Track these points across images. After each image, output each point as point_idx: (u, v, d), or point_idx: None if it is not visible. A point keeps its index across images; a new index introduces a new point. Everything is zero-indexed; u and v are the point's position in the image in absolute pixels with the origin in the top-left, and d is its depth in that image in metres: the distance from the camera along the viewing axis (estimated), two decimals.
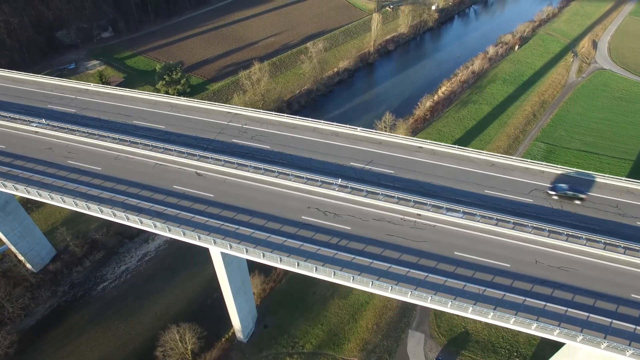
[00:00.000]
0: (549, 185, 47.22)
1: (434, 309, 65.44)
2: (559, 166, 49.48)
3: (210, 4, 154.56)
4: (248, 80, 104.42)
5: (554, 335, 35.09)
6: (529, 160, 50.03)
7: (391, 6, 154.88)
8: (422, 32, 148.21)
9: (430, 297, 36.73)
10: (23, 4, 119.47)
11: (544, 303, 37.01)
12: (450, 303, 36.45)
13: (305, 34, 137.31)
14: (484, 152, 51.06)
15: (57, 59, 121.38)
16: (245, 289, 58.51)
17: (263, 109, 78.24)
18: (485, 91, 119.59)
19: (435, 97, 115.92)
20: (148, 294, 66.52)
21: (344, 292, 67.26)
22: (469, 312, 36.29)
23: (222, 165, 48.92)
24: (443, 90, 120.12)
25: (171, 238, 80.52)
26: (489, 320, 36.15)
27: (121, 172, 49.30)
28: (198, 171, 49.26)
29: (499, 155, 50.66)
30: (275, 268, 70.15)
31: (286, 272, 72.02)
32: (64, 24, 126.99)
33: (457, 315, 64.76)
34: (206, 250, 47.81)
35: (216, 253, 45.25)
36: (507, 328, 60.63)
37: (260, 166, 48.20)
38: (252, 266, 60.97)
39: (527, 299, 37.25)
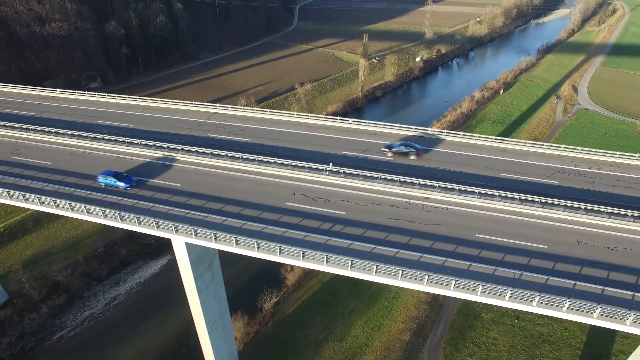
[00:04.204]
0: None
1: (444, 349, 55.71)
2: (579, 148, 43.69)
3: (200, 59, 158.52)
4: None
5: (626, 325, 26.03)
6: (545, 144, 44.20)
7: (377, 58, 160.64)
8: (408, 80, 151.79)
9: (454, 282, 27.96)
10: (13, 54, 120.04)
11: (601, 287, 28.46)
12: (480, 288, 27.64)
13: (294, 83, 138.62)
14: (494, 137, 45.40)
15: None
16: (224, 326, 48.28)
17: None
18: (476, 130, 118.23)
19: None
20: (113, 342, 55.19)
21: (339, 334, 56.68)
22: (506, 298, 27.36)
23: (195, 156, 42.06)
24: (433, 130, 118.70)
25: (144, 280, 72.29)
26: (533, 308, 27.10)
27: (74, 166, 41.89)
28: (165, 162, 42.11)
29: (510, 140, 44.88)
30: (262, 309, 60.05)
31: (273, 313, 61.46)
32: (53, 73, 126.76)
33: (471, 357, 53.96)
34: (182, 292, 39.82)
35: (181, 250, 36.08)
36: None
37: (237, 155, 41.42)
38: (234, 306, 52.00)
39: (578, 282, 28.76)
